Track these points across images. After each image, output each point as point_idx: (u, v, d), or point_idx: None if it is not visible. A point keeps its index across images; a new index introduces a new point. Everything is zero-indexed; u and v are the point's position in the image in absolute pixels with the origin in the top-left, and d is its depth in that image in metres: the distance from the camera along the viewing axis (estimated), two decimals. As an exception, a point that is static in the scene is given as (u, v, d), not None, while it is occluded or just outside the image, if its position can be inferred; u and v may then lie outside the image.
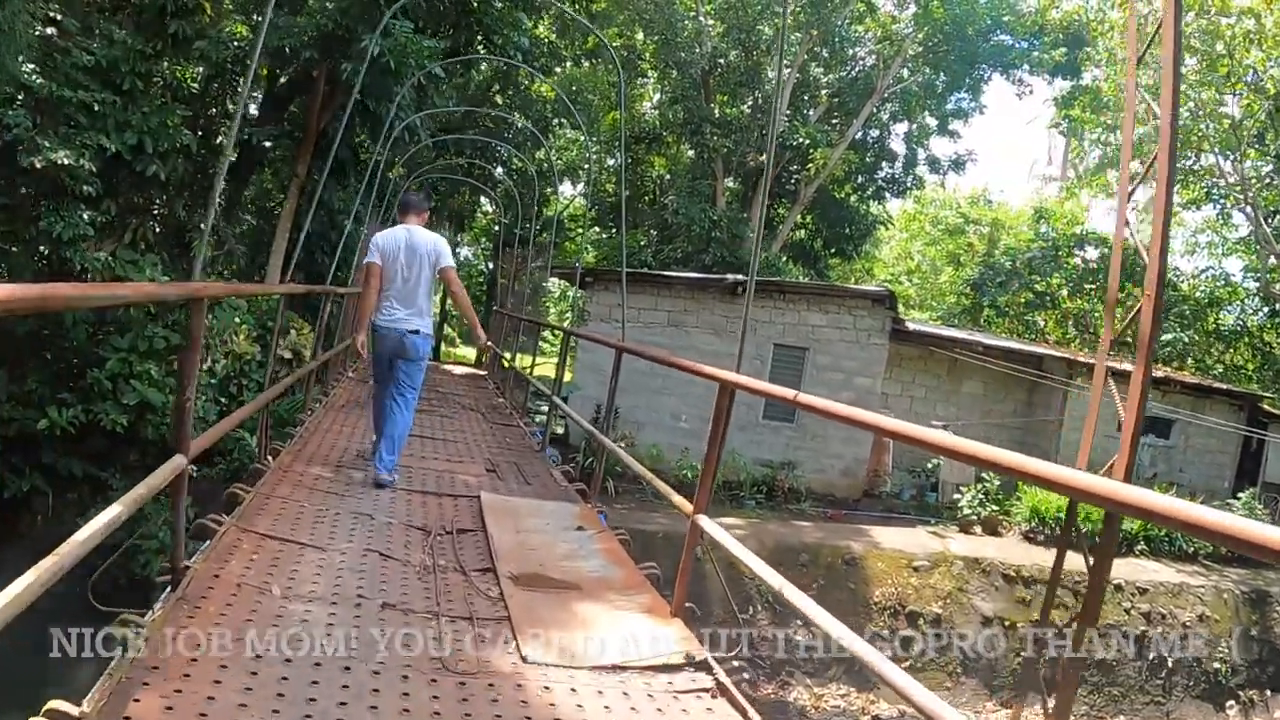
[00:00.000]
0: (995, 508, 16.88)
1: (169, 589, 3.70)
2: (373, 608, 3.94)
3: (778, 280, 19.98)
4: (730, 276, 17.99)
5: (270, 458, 6.33)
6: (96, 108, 12.31)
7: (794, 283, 19.61)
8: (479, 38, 16.22)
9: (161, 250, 14.97)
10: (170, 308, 12.13)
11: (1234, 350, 28.79)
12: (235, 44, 14.55)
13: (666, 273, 18.96)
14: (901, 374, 19.67)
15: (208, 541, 4.42)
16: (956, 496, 17.33)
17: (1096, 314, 29.89)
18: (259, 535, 4.64)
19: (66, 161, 11.48)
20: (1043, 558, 15.41)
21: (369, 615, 3.86)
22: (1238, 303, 30.26)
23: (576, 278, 13.79)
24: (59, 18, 13.13)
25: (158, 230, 15.07)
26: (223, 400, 13.87)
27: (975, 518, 16.74)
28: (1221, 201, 29.42)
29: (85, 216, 12.21)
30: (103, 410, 12.04)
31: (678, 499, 4.64)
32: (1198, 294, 29.97)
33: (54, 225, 11.73)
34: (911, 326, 19.36)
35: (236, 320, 14.05)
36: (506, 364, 16.94)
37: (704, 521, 4.21)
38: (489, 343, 8.68)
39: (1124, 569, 15.53)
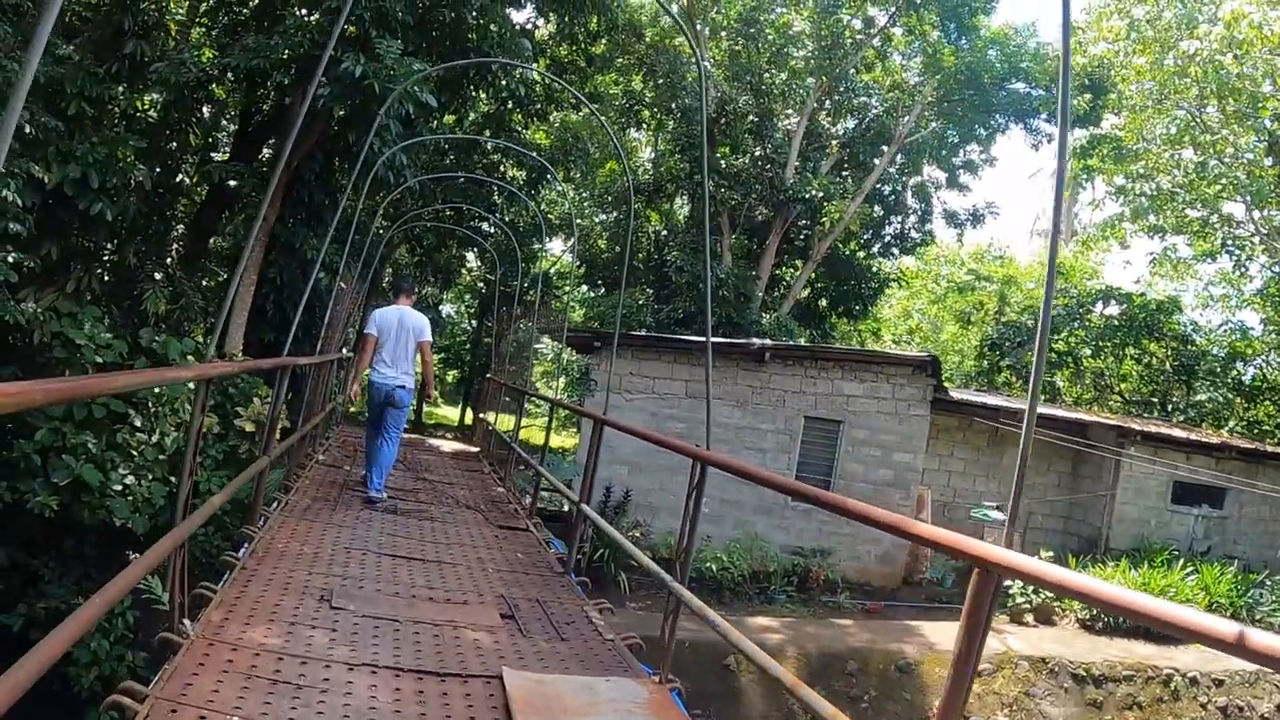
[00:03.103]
0: (1049, 594, 15.10)
1: None
2: None
3: (809, 345, 18.06)
4: (757, 341, 16.08)
5: (186, 622, 4.00)
6: (28, 130, 10.38)
7: (827, 348, 17.64)
8: (473, 72, 14.53)
9: (110, 302, 13.08)
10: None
11: (1255, 406, 27.20)
12: (197, 66, 12.60)
13: (685, 337, 16.89)
14: (938, 446, 17.76)
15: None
16: (1006, 583, 15.48)
17: (1116, 373, 28.37)
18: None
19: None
20: (1109, 651, 13.93)
21: None
22: (1258, 356, 28.97)
23: (612, 344, 11.99)
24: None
25: (106, 279, 13.16)
26: (172, 480, 11.84)
27: (1028, 605, 15.02)
28: (1237, 253, 28.12)
29: (10, 260, 10.22)
30: (30, 489, 10.07)
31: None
32: (1215, 349, 28.57)
33: (-31, 270, 9.75)
34: (955, 395, 17.48)
35: (190, 386, 12.03)
36: (493, 429, 15.16)
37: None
38: (435, 395, 8.88)
39: (1195, 659, 13.97)
